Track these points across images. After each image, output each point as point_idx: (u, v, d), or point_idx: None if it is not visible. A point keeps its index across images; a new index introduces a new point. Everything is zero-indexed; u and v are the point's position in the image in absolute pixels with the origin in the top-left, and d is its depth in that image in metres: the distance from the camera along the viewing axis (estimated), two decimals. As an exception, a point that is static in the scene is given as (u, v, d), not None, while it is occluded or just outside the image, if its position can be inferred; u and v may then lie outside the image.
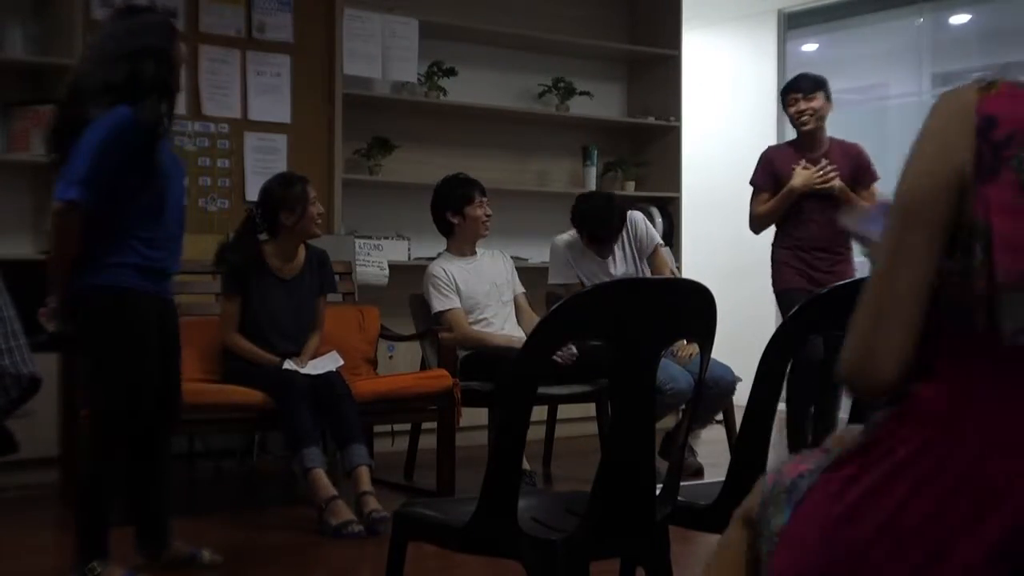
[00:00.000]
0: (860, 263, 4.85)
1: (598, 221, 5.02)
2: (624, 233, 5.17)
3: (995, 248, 1.27)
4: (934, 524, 1.33)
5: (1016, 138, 1.29)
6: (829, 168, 4.79)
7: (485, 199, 5.02)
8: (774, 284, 4.98)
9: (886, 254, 1.35)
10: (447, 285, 4.93)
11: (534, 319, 4.93)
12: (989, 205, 1.28)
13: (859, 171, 4.88)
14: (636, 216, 5.25)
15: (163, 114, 3.18)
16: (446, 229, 5.08)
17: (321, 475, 4.01)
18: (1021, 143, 1.30)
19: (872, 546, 1.34)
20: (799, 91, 4.92)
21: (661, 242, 5.32)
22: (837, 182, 4.76)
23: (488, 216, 5.01)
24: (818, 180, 4.78)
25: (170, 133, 3.26)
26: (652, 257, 5.22)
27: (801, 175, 4.80)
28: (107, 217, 3.16)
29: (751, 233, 5.12)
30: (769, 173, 4.95)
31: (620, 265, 5.19)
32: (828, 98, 4.95)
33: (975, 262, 1.30)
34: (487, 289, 5.04)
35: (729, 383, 4.97)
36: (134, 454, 3.37)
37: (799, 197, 4.82)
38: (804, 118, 4.90)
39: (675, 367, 4.81)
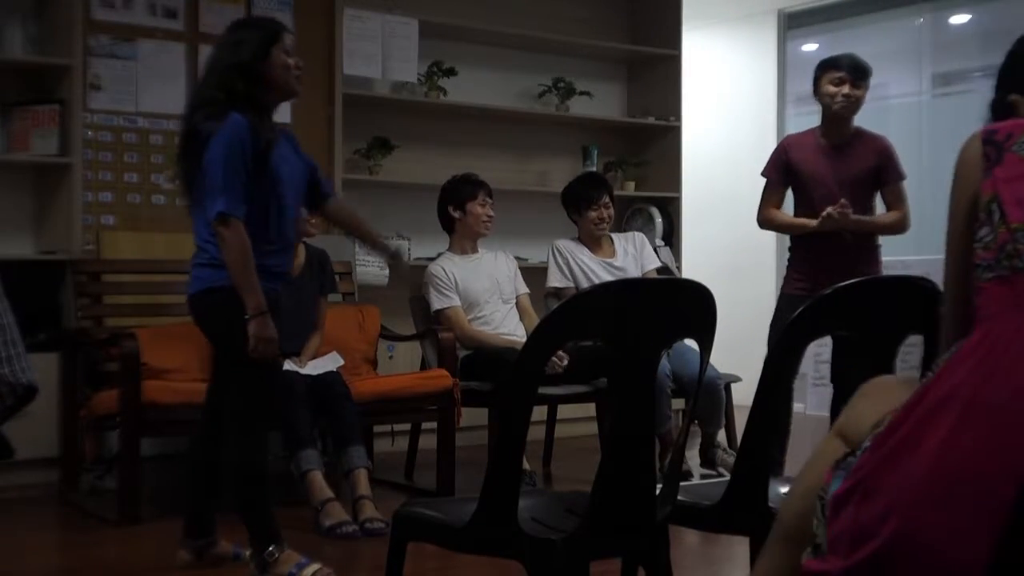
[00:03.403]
0: (889, 262, 4.66)
1: (578, 182, 5.35)
2: (631, 243, 5.37)
3: (1005, 206, 1.70)
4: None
5: (1015, 134, 1.73)
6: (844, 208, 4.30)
7: (490, 200, 5.05)
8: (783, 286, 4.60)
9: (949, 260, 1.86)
10: (446, 284, 4.94)
11: (535, 321, 4.94)
12: (996, 181, 1.71)
13: (884, 168, 4.43)
14: (643, 236, 5.52)
15: (258, 126, 3.20)
16: (448, 225, 5.10)
17: (317, 477, 4.03)
18: (1019, 135, 1.73)
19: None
20: (845, 71, 4.39)
21: (658, 267, 5.44)
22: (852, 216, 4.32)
23: (490, 216, 5.04)
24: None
25: (274, 142, 3.25)
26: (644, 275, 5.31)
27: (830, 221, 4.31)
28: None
29: (751, 233, 5.05)
30: (780, 163, 4.53)
31: (621, 258, 5.27)
32: (866, 91, 4.49)
33: (996, 224, 1.72)
34: (486, 286, 5.05)
35: (713, 380, 4.92)
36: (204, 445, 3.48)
37: (812, 194, 4.43)
38: (842, 100, 4.37)
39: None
